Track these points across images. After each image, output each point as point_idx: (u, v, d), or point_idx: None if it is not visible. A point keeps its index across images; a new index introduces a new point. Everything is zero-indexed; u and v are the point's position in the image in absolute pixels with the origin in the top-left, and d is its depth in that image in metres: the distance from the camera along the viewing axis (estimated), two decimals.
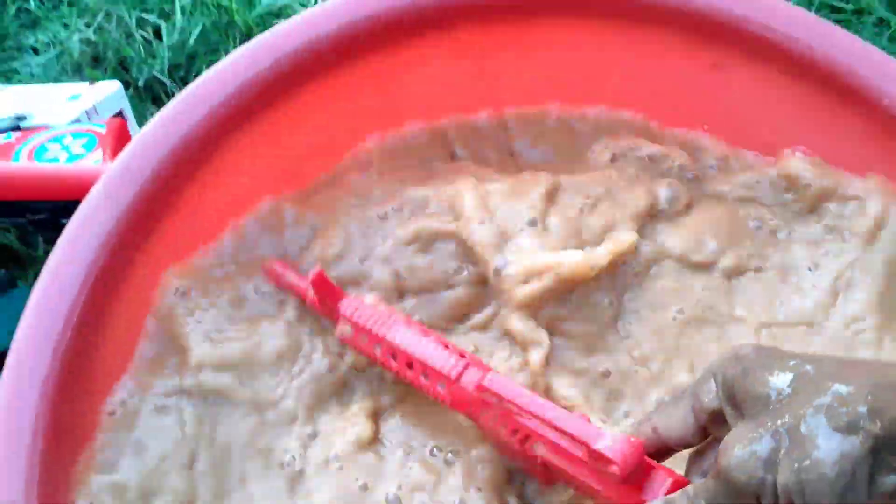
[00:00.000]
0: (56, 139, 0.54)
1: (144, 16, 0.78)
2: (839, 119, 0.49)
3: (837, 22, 0.81)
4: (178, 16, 0.78)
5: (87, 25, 0.78)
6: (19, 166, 0.51)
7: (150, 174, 0.43)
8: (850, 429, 0.27)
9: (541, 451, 0.35)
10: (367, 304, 0.40)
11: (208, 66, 0.76)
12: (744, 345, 0.32)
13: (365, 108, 0.50)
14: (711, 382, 0.33)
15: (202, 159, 0.45)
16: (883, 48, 0.81)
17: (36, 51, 0.80)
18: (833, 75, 0.48)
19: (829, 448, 0.27)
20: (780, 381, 0.29)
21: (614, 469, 0.32)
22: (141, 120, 0.74)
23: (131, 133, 0.64)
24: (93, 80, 0.75)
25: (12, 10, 0.82)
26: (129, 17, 0.78)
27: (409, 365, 0.39)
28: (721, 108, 0.52)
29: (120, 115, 0.68)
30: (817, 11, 0.81)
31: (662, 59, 0.51)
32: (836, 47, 0.49)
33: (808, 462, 0.27)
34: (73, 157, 0.52)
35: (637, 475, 0.33)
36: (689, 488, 0.31)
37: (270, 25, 0.77)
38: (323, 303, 0.41)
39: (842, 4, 0.82)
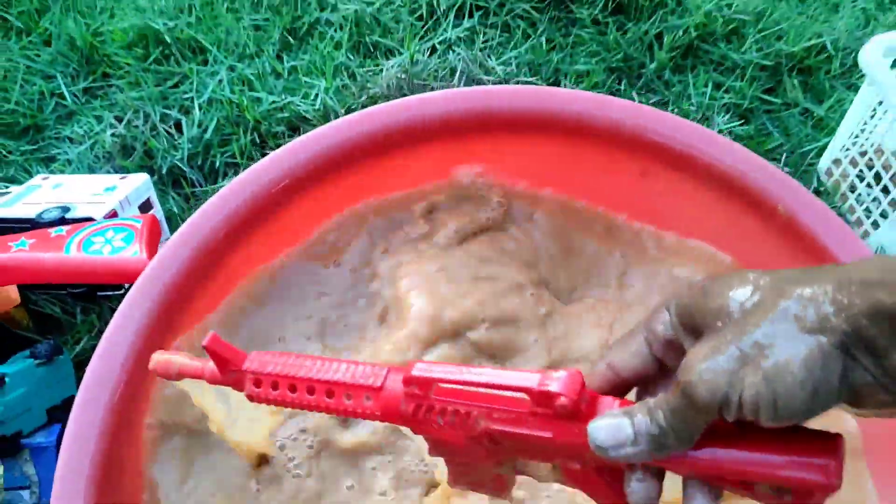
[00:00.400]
0: (100, 233, 0.65)
1: (167, 111, 0.91)
2: (740, 218, 0.61)
3: (768, 112, 0.95)
4: (197, 111, 0.90)
5: (118, 120, 0.91)
6: (76, 258, 0.62)
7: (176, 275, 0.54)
8: (816, 328, 0.26)
9: (485, 424, 0.34)
10: (269, 354, 0.39)
11: (222, 155, 0.88)
12: (696, 278, 0.33)
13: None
14: (664, 313, 0.32)
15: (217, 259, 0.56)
16: (808, 134, 0.94)
17: (72, 140, 0.92)
18: (731, 180, 0.60)
19: (797, 350, 0.26)
20: (742, 294, 0.28)
21: (562, 401, 0.32)
22: (164, 203, 0.86)
23: (159, 219, 0.76)
24: (122, 168, 0.87)
25: (51, 104, 0.94)
26: (154, 113, 0.90)
27: (330, 393, 0.37)
28: (649, 203, 0.64)
29: (148, 201, 0.80)
30: (750, 104, 0.93)
31: (607, 169, 0.63)
32: (735, 159, 0.60)
33: (777, 366, 0.26)
34: (115, 250, 0.63)
35: (586, 408, 0.32)
36: (650, 400, 0.30)
37: (275, 119, 0.90)
38: (224, 369, 0.39)
39: (772, 98, 0.95)
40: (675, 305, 0.31)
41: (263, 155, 0.88)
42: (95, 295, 0.78)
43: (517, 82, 0.92)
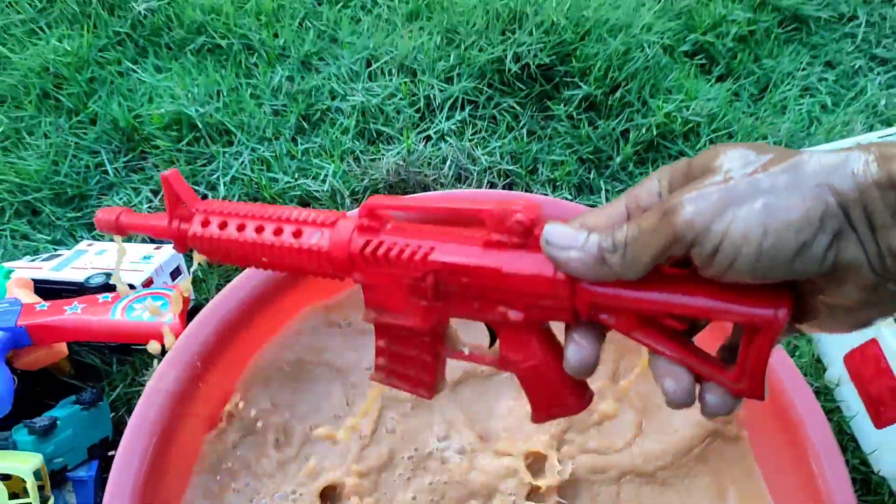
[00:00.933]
0: (140, 300, 0.79)
1: (196, 187, 1.05)
2: None
3: None
4: (222, 188, 1.04)
5: (154, 193, 1.05)
6: (120, 322, 0.76)
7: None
8: (825, 185, 0.25)
9: (437, 256, 0.33)
10: (227, 202, 0.39)
11: None
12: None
13: None
14: (653, 181, 0.30)
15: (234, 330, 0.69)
16: None
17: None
18: None
19: (801, 199, 0.25)
20: (752, 154, 0.27)
21: (518, 217, 0.31)
22: (191, 267, 0.99)
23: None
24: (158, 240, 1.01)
25: (96, 176, 1.09)
26: None
27: (278, 231, 0.36)
28: None
29: (178, 268, 0.93)
30: None
31: None
32: None
33: (775, 207, 0.25)
34: (153, 316, 0.76)
35: (538, 234, 0.31)
36: (615, 226, 0.29)
37: (288, 197, 1.03)
38: (174, 209, 0.38)
39: None
40: (670, 172, 0.30)
41: None
42: (130, 348, 0.91)
43: (499, 170, 1.06)
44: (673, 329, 0.31)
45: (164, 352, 0.66)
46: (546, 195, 0.94)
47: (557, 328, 0.35)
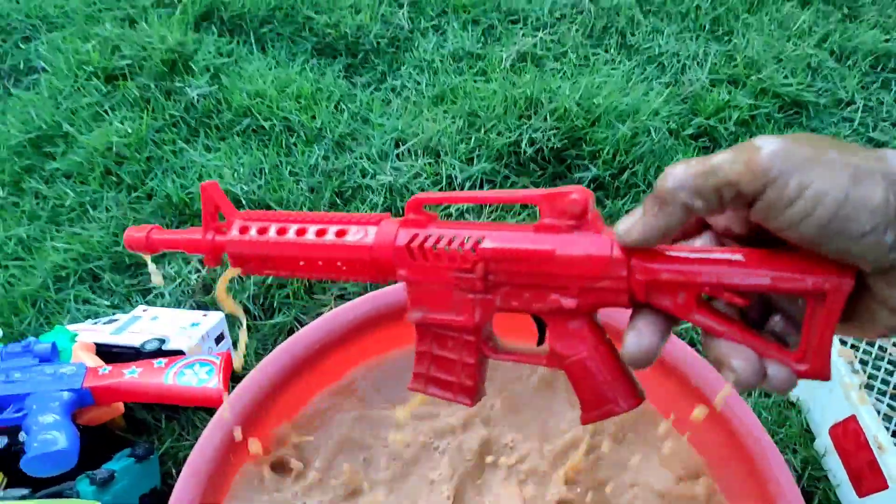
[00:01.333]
0: (189, 366, 0.89)
1: None
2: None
3: None
4: None
5: (202, 263, 1.16)
6: (172, 386, 0.86)
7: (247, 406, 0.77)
8: None
9: (488, 244, 0.33)
10: (262, 211, 0.38)
11: (279, 296, 1.12)
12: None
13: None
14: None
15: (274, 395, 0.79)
16: None
17: (165, 277, 1.17)
18: None
19: (885, 186, 0.25)
20: (834, 140, 0.27)
21: (574, 197, 0.31)
22: (232, 333, 1.10)
23: (228, 346, 1.00)
24: (203, 304, 1.13)
25: None
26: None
27: (322, 232, 0.36)
28: None
29: (221, 334, 1.04)
30: None
31: None
32: None
33: (860, 184, 0.25)
34: (200, 381, 0.87)
35: (592, 220, 0.31)
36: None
37: None
38: (210, 220, 0.39)
39: None
40: None
41: (311, 297, 1.12)
42: (178, 406, 1.01)
43: None
44: (733, 306, 0.30)
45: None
46: None
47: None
